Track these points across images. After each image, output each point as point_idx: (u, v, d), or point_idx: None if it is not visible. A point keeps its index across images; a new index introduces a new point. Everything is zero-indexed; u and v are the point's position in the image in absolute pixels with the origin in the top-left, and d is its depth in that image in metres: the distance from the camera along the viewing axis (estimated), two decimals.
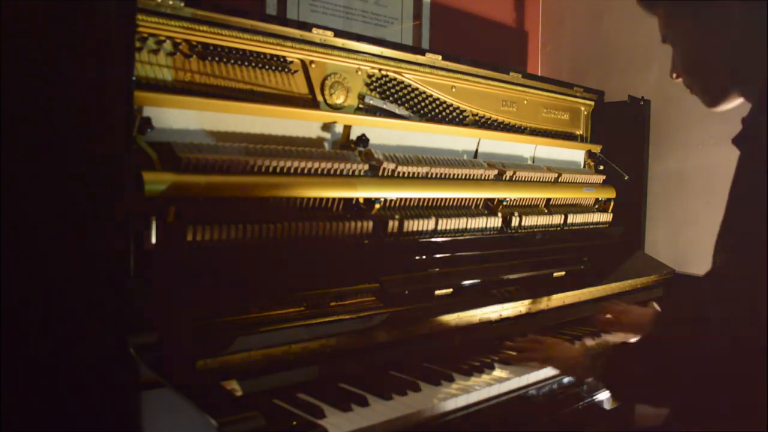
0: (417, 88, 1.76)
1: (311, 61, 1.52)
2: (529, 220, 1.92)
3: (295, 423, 1.01)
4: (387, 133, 1.66)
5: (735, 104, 1.12)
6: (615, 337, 1.65)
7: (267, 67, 1.45)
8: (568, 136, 2.29)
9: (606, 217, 2.24)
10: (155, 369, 0.97)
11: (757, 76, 1.02)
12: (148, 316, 1.05)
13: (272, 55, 1.46)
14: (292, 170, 1.38)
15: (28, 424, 1.35)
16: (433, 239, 1.62)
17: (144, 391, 0.98)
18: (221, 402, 0.94)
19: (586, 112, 2.36)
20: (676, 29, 1.11)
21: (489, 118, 1.98)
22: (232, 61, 1.39)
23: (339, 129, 1.55)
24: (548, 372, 1.37)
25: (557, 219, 2.02)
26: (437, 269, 1.60)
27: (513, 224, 1.86)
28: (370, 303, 1.37)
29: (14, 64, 1.34)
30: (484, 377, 1.30)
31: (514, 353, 1.44)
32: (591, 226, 2.17)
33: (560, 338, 1.56)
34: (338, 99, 1.58)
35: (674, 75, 1.17)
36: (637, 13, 1.24)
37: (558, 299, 1.72)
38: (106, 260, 1.07)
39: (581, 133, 2.35)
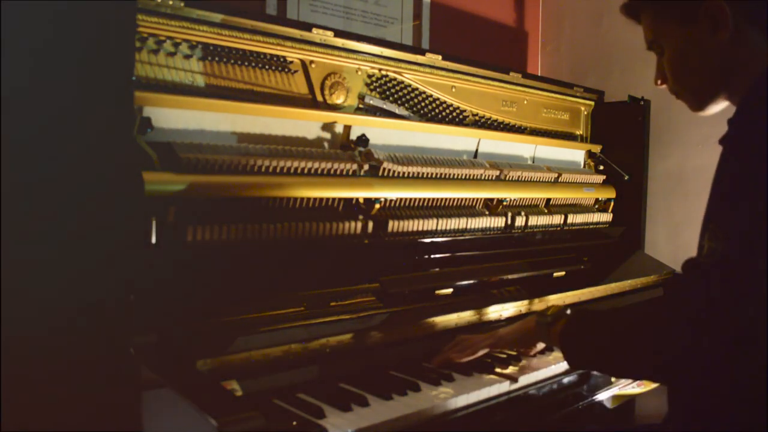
0: (417, 88, 1.76)
1: (311, 61, 1.52)
2: (529, 220, 1.92)
3: (295, 423, 1.01)
4: (387, 133, 1.66)
5: (721, 107, 1.12)
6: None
7: (267, 67, 1.45)
8: (568, 136, 2.29)
9: (606, 217, 2.24)
10: (155, 369, 0.97)
11: (744, 77, 1.03)
12: (148, 316, 1.05)
13: (272, 55, 1.46)
14: (292, 170, 1.38)
15: (29, 423, 1.35)
16: (433, 239, 1.62)
17: (144, 391, 0.98)
18: (221, 402, 0.94)
19: (586, 112, 2.36)
20: (663, 34, 1.11)
21: (489, 118, 1.98)
22: (232, 61, 1.39)
23: (339, 129, 1.55)
24: (548, 372, 1.37)
25: (557, 219, 2.02)
26: (437, 269, 1.60)
27: (513, 224, 1.86)
28: (370, 303, 1.37)
29: (14, 65, 1.34)
30: (485, 377, 1.30)
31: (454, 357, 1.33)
32: (591, 226, 2.17)
33: None
34: (338, 99, 1.58)
35: (659, 81, 1.18)
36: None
37: (558, 299, 1.72)
38: (106, 260, 1.07)
39: (581, 133, 2.35)
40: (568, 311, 1.25)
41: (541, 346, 1.43)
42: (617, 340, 1.09)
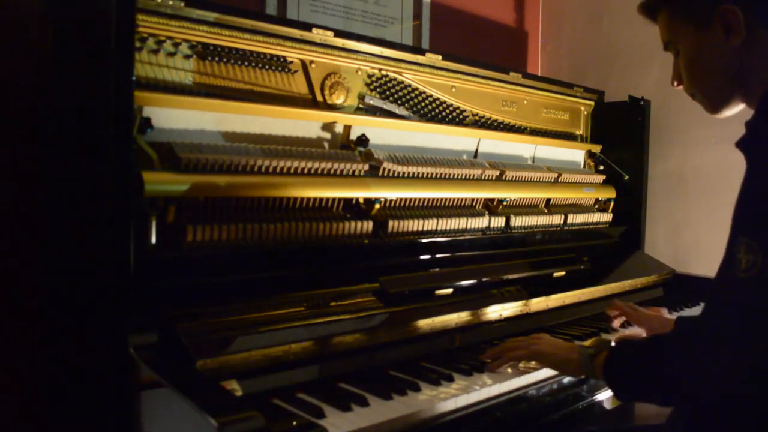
0: (417, 88, 1.76)
1: (311, 61, 1.52)
2: (529, 220, 1.92)
3: (295, 423, 1.01)
4: (387, 133, 1.66)
5: (737, 110, 1.13)
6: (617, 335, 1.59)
7: (267, 67, 1.45)
8: (568, 136, 2.29)
9: (606, 217, 2.24)
10: (155, 369, 0.97)
11: (760, 81, 1.03)
12: (148, 316, 1.05)
13: (272, 55, 1.46)
14: (292, 170, 1.37)
15: (28, 423, 1.35)
16: (433, 239, 1.62)
17: (144, 391, 0.98)
18: (221, 402, 0.94)
19: (586, 112, 2.36)
20: (678, 36, 1.12)
21: (489, 118, 1.98)
22: (232, 61, 1.39)
23: (339, 129, 1.55)
24: (548, 372, 1.37)
25: (557, 219, 2.02)
26: (437, 269, 1.60)
27: (513, 224, 1.86)
28: (370, 303, 1.37)
29: (14, 65, 1.34)
30: (484, 377, 1.30)
31: (494, 360, 1.34)
32: (591, 226, 2.17)
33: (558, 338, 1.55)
34: (338, 99, 1.58)
35: (675, 82, 1.18)
36: (638, 14, 1.24)
37: (558, 299, 1.72)
38: (107, 260, 1.07)
39: (581, 133, 2.35)
40: (612, 343, 1.21)
41: None
42: (658, 370, 1.06)
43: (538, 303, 1.66)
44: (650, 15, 1.19)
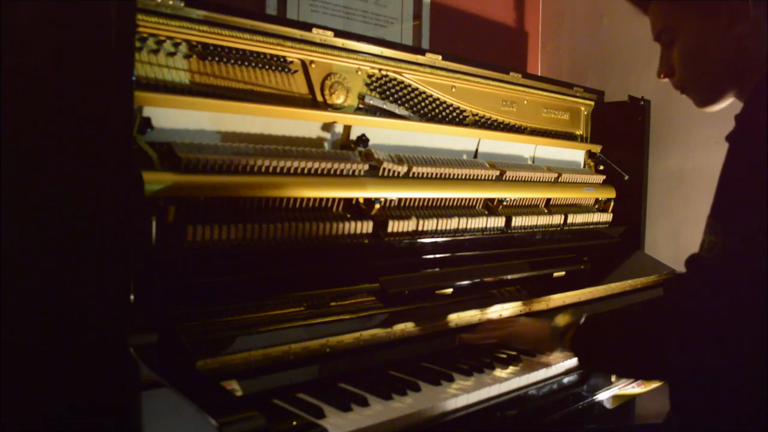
0: (417, 88, 1.76)
1: (311, 61, 1.52)
2: (529, 220, 1.92)
3: (295, 423, 1.01)
4: (387, 133, 1.66)
5: (726, 104, 1.11)
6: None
7: (267, 67, 1.45)
8: (568, 136, 2.29)
9: (606, 217, 2.24)
10: (155, 369, 0.97)
11: (754, 74, 1.03)
12: (148, 316, 1.05)
13: (272, 55, 1.46)
14: (292, 170, 1.38)
15: (28, 423, 1.35)
16: (433, 239, 1.62)
17: (144, 391, 0.98)
18: (221, 402, 0.94)
19: (586, 112, 2.36)
20: (679, 23, 1.08)
21: (489, 118, 1.98)
22: (232, 61, 1.39)
23: (339, 129, 1.55)
24: (548, 372, 1.37)
25: (557, 219, 2.02)
26: (437, 269, 1.60)
27: (513, 224, 1.86)
28: (370, 303, 1.37)
29: (14, 65, 1.34)
30: (484, 377, 1.30)
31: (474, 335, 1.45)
32: (591, 226, 2.17)
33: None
34: (338, 99, 1.58)
35: (662, 75, 1.15)
36: (638, 13, 1.23)
37: (558, 299, 1.72)
38: (106, 260, 1.07)
39: (581, 133, 2.35)
40: (582, 320, 1.24)
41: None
42: (623, 342, 1.10)
43: (538, 303, 1.66)
44: (640, 3, 1.15)
